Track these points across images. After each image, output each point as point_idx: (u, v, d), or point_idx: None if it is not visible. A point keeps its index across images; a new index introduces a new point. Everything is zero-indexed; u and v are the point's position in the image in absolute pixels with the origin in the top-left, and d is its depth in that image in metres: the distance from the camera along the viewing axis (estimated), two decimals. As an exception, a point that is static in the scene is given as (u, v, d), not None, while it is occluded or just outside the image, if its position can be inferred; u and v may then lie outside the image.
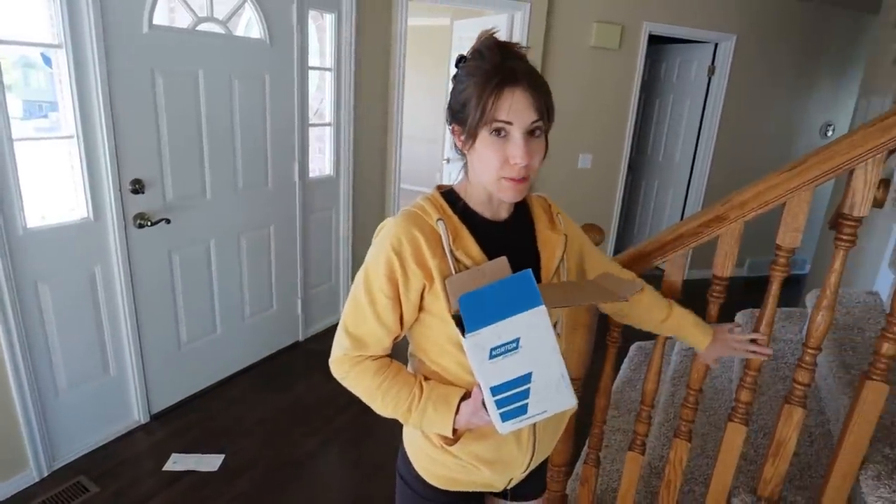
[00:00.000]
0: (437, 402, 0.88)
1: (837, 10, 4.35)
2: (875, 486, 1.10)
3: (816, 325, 1.15)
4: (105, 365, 2.20)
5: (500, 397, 0.80)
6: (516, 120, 0.80)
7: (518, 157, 0.81)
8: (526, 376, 0.80)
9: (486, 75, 0.80)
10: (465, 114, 0.83)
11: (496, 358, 0.78)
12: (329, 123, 3.15)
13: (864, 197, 1.06)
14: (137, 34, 2.03)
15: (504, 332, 0.77)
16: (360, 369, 0.90)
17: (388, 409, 0.91)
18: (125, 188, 2.09)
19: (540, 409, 0.82)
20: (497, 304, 0.77)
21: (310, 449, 2.30)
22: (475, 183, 0.89)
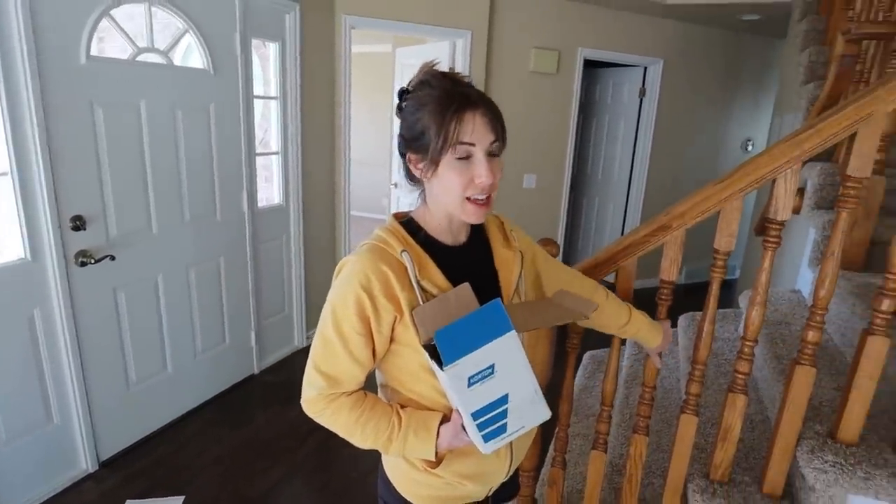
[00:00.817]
0: (418, 429, 0.89)
1: (753, 36, 4.77)
2: (810, 458, 1.20)
3: (752, 320, 1.26)
4: (48, 413, 2.07)
5: (480, 420, 0.83)
6: (478, 141, 0.84)
7: (484, 177, 0.84)
8: (503, 398, 0.83)
9: (443, 102, 0.83)
10: (423, 142, 0.85)
11: (474, 385, 0.81)
12: (276, 152, 3.14)
13: (785, 203, 1.18)
14: (74, 66, 1.98)
15: (480, 360, 0.80)
16: (335, 406, 0.90)
17: (368, 441, 0.91)
18: (65, 225, 2.00)
19: (518, 425, 0.85)
20: (470, 334, 0.80)
21: (273, 482, 2.24)
22: (435, 210, 0.92)
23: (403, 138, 0.90)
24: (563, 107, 4.23)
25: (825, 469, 1.17)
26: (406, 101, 0.89)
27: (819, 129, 1.13)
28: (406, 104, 0.89)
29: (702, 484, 1.37)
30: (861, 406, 1.20)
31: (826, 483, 1.18)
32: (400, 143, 0.91)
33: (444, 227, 0.93)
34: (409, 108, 0.88)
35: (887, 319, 1.15)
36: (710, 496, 1.33)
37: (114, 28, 2.16)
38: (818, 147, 1.14)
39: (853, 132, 1.11)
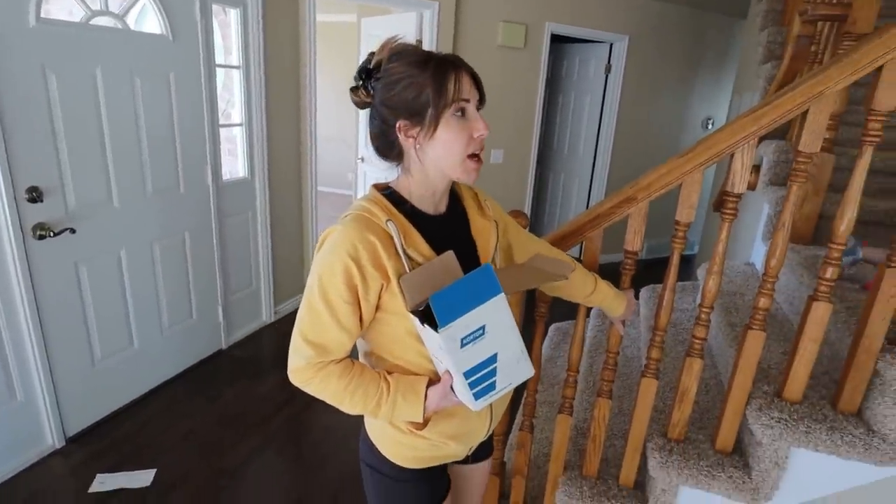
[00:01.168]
0: (406, 393, 0.92)
1: (715, 15, 4.85)
2: (758, 416, 1.30)
3: (709, 288, 1.33)
4: (10, 389, 2.02)
5: (472, 379, 0.87)
6: (471, 97, 0.89)
7: (482, 128, 0.89)
8: (492, 357, 0.87)
9: (438, 65, 0.86)
10: (419, 105, 0.86)
11: (467, 346, 0.84)
12: (240, 124, 3.06)
13: (741, 176, 1.25)
14: (23, 28, 1.88)
15: (472, 322, 0.83)
16: (324, 374, 0.91)
17: (357, 407, 0.93)
18: (20, 197, 1.93)
19: (506, 382, 0.90)
20: (462, 297, 0.83)
21: (245, 454, 2.26)
22: (421, 178, 0.93)
23: (390, 108, 0.89)
24: (531, 82, 4.25)
25: (771, 425, 1.27)
26: (378, 78, 0.89)
27: (776, 105, 1.18)
28: (379, 80, 0.89)
29: (660, 442, 1.46)
30: (805, 367, 1.30)
31: (772, 437, 1.28)
32: (385, 116, 0.90)
33: (427, 197, 0.95)
34: (389, 80, 0.88)
35: (830, 286, 1.24)
36: (668, 453, 1.42)
37: (65, -11, 2.06)
38: (774, 122, 1.20)
39: (806, 109, 1.17)
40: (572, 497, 1.53)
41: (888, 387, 1.20)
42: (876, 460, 1.23)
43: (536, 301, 1.51)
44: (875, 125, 1.15)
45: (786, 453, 1.31)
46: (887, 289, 1.18)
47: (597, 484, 1.56)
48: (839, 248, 1.23)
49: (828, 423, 1.26)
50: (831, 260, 1.23)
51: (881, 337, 1.20)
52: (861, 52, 1.12)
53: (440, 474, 1.08)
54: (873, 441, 1.22)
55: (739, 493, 1.36)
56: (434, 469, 1.06)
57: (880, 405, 1.22)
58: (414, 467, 1.03)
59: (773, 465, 1.33)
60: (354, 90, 0.92)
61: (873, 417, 1.23)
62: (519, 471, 1.69)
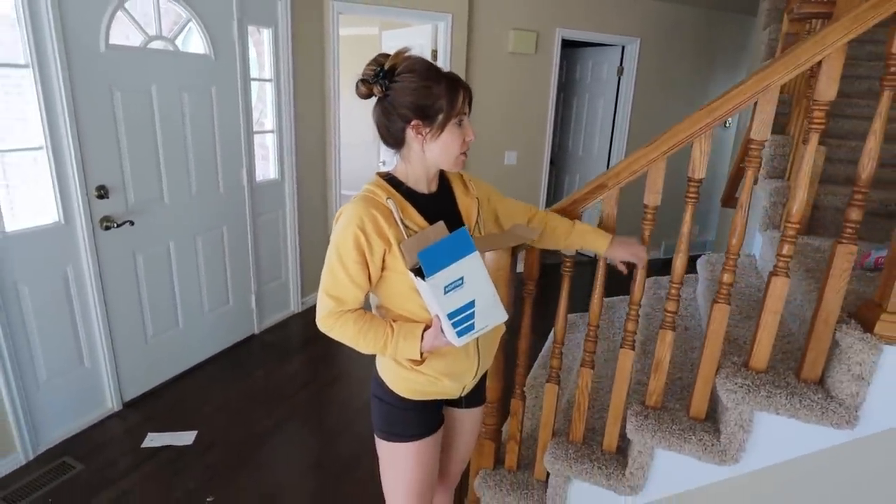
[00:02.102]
0: (407, 335, 1.14)
1: (726, 13, 4.93)
2: (724, 383, 1.41)
3: (676, 266, 1.49)
4: (80, 357, 2.35)
5: (454, 320, 1.09)
6: (467, 111, 1.15)
7: (471, 135, 1.16)
8: (471, 303, 1.10)
9: (450, 81, 1.11)
10: (433, 110, 1.09)
11: (449, 293, 1.07)
12: (271, 130, 3.36)
13: (700, 163, 1.41)
14: (96, 53, 2.21)
15: (452, 274, 1.06)
16: (342, 321, 1.15)
17: (370, 347, 1.16)
18: (91, 193, 2.25)
19: (483, 323, 1.12)
20: (444, 254, 1.06)
21: (274, 422, 2.54)
22: (418, 166, 1.17)
23: (408, 108, 1.09)
24: (542, 86, 4.44)
25: (735, 390, 1.38)
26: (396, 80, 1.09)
27: (728, 99, 1.33)
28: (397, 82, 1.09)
29: (638, 409, 1.58)
30: (767, 337, 1.41)
31: (735, 401, 1.38)
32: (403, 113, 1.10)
33: (421, 179, 1.20)
34: (409, 84, 1.08)
35: (787, 261, 1.35)
36: (644, 419, 1.54)
37: (126, 18, 2.37)
38: (727, 114, 1.36)
39: (755, 101, 1.34)
40: (558, 458, 1.67)
41: (844, 355, 1.29)
42: (833, 423, 1.31)
43: (525, 280, 1.72)
44: (819, 114, 1.28)
45: (750, 417, 1.40)
46: (840, 264, 1.28)
47: (582, 448, 1.69)
48: (794, 227, 1.34)
49: (788, 389, 1.35)
50: (787, 238, 1.34)
51: (837, 309, 1.31)
52: (801, 50, 1.25)
53: (435, 409, 1.31)
54: (830, 405, 1.31)
55: (709, 455, 1.46)
56: (430, 403, 1.28)
57: (838, 372, 1.31)
58: (413, 398, 1.26)
59: (738, 427, 1.43)
60: (366, 84, 1.12)
61: (833, 384, 1.33)
62: (512, 436, 1.84)
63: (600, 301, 1.63)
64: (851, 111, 2.52)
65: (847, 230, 1.28)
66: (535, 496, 1.79)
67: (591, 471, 1.64)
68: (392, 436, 1.28)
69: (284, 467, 2.25)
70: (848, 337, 1.28)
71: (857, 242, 1.28)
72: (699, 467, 1.51)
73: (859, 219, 1.28)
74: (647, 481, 1.60)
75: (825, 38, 1.23)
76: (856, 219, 1.28)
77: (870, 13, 1.18)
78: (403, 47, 1.14)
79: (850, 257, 1.28)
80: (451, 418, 1.42)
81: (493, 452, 1.88)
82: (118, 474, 2.14)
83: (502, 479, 1.84)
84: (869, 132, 1.25)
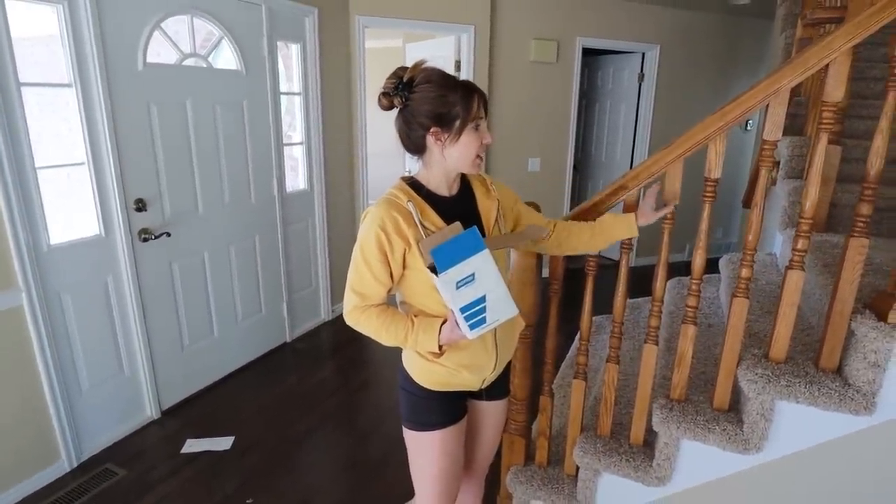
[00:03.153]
0: (426, 328, 1.21)
1: (746, 19, 4.95)
2: (745, 373, 1.46)
3: (696, 263, 1.54)
4: (120, 365, 2.46)
5: (467, 314, 1.15)
6: (483, 116, 1.21)
7: (488, 138, 1.23)
8: (482, 297, 1.15)
9: (464, 88, 1.17)
10: (449, 118, 1.16)
11: (461, 288, 1.13)
12: (301, 142, 3.48)
13: (716, 164, 1.46)
14: (134, 71, 2.34)
15: (464, 270, 1.13)
16: (367, 315, 1.23)
17: (392, 339, 1.24)
18: (130, 207, 2.37)
19: (494, 317, 1.17)
20: (456, 252, 1.13)
21: (308, 426, 2.61)
22: (438, 170, 1.25)
23: (426, 117, 1.17)
24: (564, 94, 4.49)
25: (756, 380, 1.43)
26: (415, 91, 1.17)
27: (739, 103, 1.40)
28: (416, 93, 1.16)
29: (663, 402, 1.63)
30: (786, 329, 1.45)
31: (756, 391, 1.43)
32: (422, 122, 1.18)
33: (442, 183, 1.27)
34: (427, 94, 1.16)
35: (802, 255, 1.41)
36: (669, 411, 1.59)
37: (163, 38, 2.51)
38: (739, 117, 1.41)
39: (766, 104, 1.39)
40: (587, 453, 1.72)
41: (860, 344, 1.32)
42: (851, 410, 1.36)
43: (550, 280, 1.76)
44: (827, 115, 1.33)
45: (771, 406, 1.46)
46: (852, 256, 1.33)
47: (609, 442, 1.74)
48: (808, 223, 1.39)
49: (808, 378, 1.40)
50: (802, 233, 1.39)
51: (851, 300, 1.35)
52: (809, 55, 1.31)
53: (457, 400, 1.36)
54: (848, 392, 1.34)
55: (732, 444, 1.51)
56: (452, 394, 1.34)
57: (854, 361, 1.34)
58: (436, 389, 1.32)
59: (760, 416, 1.48)
60: (387, 97, 1.19)
61: (850, 373, 1.36)
62: (542, 432, 1.90)
63: (624, 298, 1.67)
64: (867, 112, 2.54)
65: (858, 224, 1.32)
66: (566, 490, 1.83)
67: (619, 463, 1.68)
68: (418, 425, 1.34)
69: (319, 469, 2.32)
70: (863, 326, 1.32)
71: (868, 236, 1.32)
72: (723, 457, 1.55)
73: (869, 213, 1.32)
74: (673, 472, 1.64)
75: (831, 43, 1.28)
76: (866, 213, 1.32)
77: (872, 18, 1.23)
78: (420, 59, 1.22)
79: (862, 250, 1.32)
80: (474, 410, 1.47)
81: (523, 449, 1.93)
82: (159, 479, 2.22)
83: (533, 475, 1.88)
84: (876, 131, 1.29)
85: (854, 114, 2.51)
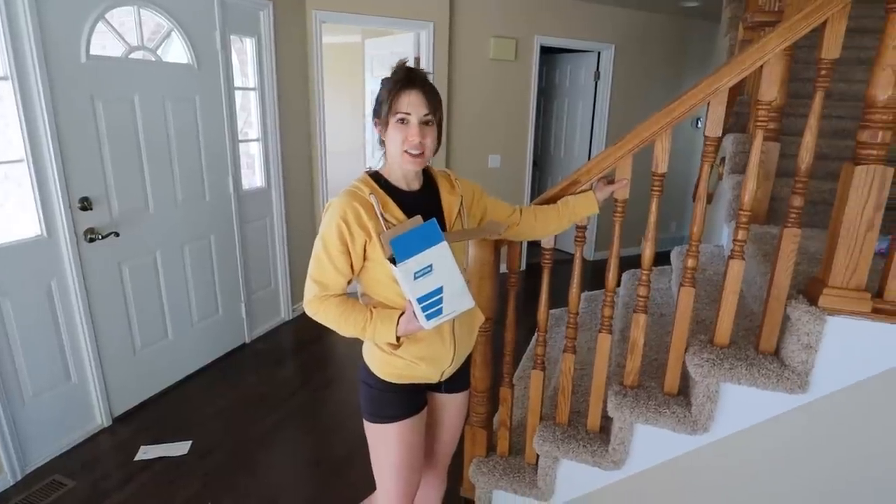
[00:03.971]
0: (384, 319, 1.23)
1: (697, 21, 5.13)
2: (692, 359, 1.54)
3: (645, 254, 1.60)
4: (67, 372, 2.35)
5: (424, 304, 1.16)
6: (413, 112, 1.19)
7: (414, 136, 1.20)
8: (439, 289, 1.17)
9: (394, 82, 1.20)
10: (381, 108, 1.21)
11: (419, 279, 1.14)
12: (257, 139, 3.41)
13: (662, 159, 1.51)
14: (76, 64, 2.24)
15: (422, 261, 1.14)
16: (326, 305, 1.24)
17: (350, 330, 1.24)
18: (74, 205, 2.27)
19: (451, 309, 1.19)
20: (415, 243, 1.14)
21: (269, 426, 2.56)
22: (392, 164, 1.26)
23: (373, 109, 1.26)
24: (523, 91, 4.56)
25: (702, 364, 1.51)
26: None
27: (682, 101, 1.46)
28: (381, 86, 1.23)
29: (617, 388, 1.70)
30: (728, 315, 1.53)
31: (702, 375, 1.52)
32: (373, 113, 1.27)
33: (399, 177, 1.28)
34: (380, 88, 1.23)
35: (742, 245, 1.48)
36: (623, 397, 1.65)
37: (107, 29, 2.41)
38: (683, 115, 1.47)
39: (707, 102, 1.45)
40: (546, 441, 1.77)
41: (794, 327, 1.43)
42: (787, 389, 1.46)
43: (508, 272, 1.79)
44: (762, 113, 1.42)
45: (716, 388, 1.54)
46: (786, 245, 1.41)
47: (568, 429, 1.80)
48: (746, 214, 1.46)
49: (748, 360, 1.49)
50: (741, 224, 1.47)
51: (787, 286, 1.44)
52: (745, 56, 1.38)
53: (416, 393, 1.38)
54: (784, 373, 1.45)
55: (682, 426, 1.59)
56: (411, 386, 1.35)
57: (790, 343, 1.45)
58: (395, 381, 1.33)
59: (706, 399, 1.56)
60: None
61: (786, 354, 1.46)
62: (503, 423, 1.94)
63: (579, 289, 1.72)
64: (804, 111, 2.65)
65: (791, 215, 1.41)
66: (527, 479, 1.88)
67: (577, 450, 1.74)
68: (377, 417, 1.35)
69: (283, 469, 2.29)
70: (797, 311, 1.42)
71: (801, 226, 1.41)
72: (674, 438, 1.64)
73: (801, 205, 1.40)
74: (628, 455, 1.71)
75: (765, 45, 1.36)
76: (798, 205, 1.40)
77: (801, 23, 1.31)
78: (402, 59, 1.26)
79: (795, 239, 1.41)
80: (434, 403, 1.49)
81: (485, 441, 1.97)
82: (112, 488, 2.14)
83: (495, 466, 1.92)
84: (805, 128, 1.37)
85: (793, 112, 2.64)
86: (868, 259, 1.34)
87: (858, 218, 1.32)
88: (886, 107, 1.26)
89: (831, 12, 1.27)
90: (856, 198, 1.30)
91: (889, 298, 1.36)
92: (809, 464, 1.57)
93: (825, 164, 2.41)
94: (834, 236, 1.36)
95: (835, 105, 2.69)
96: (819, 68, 1.34)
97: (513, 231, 1.56)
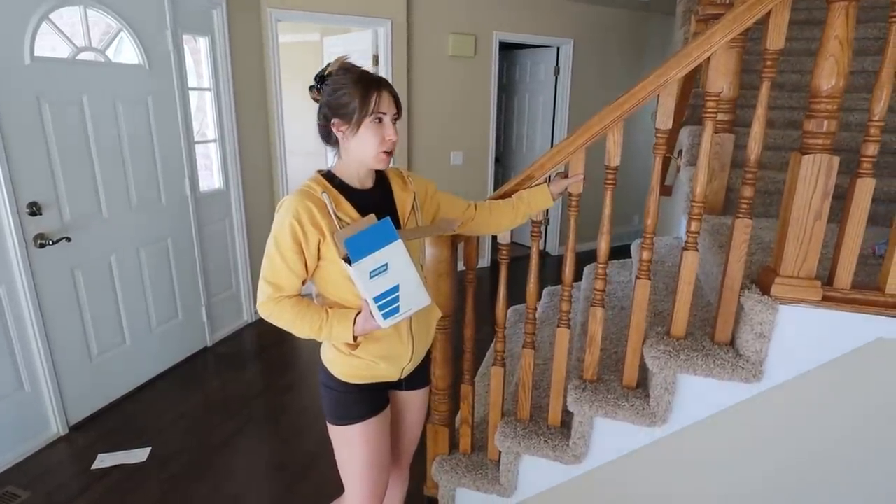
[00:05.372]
0: (340, 319, 1.22)
1: (654, 15, 5.23)
2: (649, 350, 1.55)
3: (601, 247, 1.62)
4: (19, 381, 2.28)
5: (380, 303, 1.16)
6: (388, 111, 1.20)
7: (392, 135, 1.21)
8: (395, 287, 1.17)
9: (365, 83, 1.18)
10: (348, 110, 1.18)
11: (374, 278, 1.14)
12: (214, 140, 3.34)
13: (614, 152, 1.54)
14: (20, 66, 2.15)
15: (377, 260, 1.14)
16: (280, 307, 1.22)
17: (306, 331, 1.23)
18: (22, 211, 2.19)
19: (408, 307, 1.19)
20: (369, 242, 1.14)
21: (232, 431, 2.53)
22: (349, 162, 1.26)
23: (330, 107, 1.21)
24: (483, 88, 4.57)
25: (658, 356, 1.52)
26: (327, 83, 1.21)
27: (632, 94, 1.47)
28: (334, 83, 1.20)
29: (576, 383, 1.71)
30: (684, 306, 1.55)
31: (659, 367, 1.53)
32: (326, 113, 1.22)
33: (354, 175, 1.27)
34: (332, 87, 1.19)
35: (695, 237, 1.50)
36: (582, 391, 1.66)
37: (52, 30, 2.32)
38: (633, 108, 1.49)
39: (657, 95, 1.48)
40: (508, 437, 1.77)
41: (748, 317, 1.43)
42: (742, 378, 1.46)
43: (465, 269, 1.80)
44: (710, 104, 1.44)
45: (673, 380, 1.55)
46: (738, 236, 1.43)
47: (529, 425, 1.80)
48: (699, 206, 1.49)
49: (704, 351, 1.49)
50: (694, 216, 1.49)
51: (740, 276, 1.45)
52: (691, 48, 1.40)
53: (377, 392, 1.38)
54: (739, 363, 1.46)
55: (641, 418, 1.60)
56: (372, 386, 1.35)
57: (744, 333, 1.46)
58: (355, 382, 1.32)
59: (664, 390, 1.57)
60: (311, 89, 1.24)
61: (741, 344, 1.47)
62: (464, 420, 1.93)
63: (536, 284, 1.73)
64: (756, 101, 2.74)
65: (742, 206, 1.43)
66: (490, 475, 1.87)
67: (538, 445, 1.74)
68: (340, 419, 1.34)
69: (245, 474, 2.26)
70: (750, 300, 1.43)
71: (753, 217, 1.43)
72: (634, 431, 1.64)
73: (752, 195, 1.42)
74: (589, 449, 1.72)
75: (711, 37, 1.38)
76: (749, 196, 1.42)
77: (745, 14, 1.33)
78: (344, 55, 1.24)
79: (746, 230, 1.43)
80: (395, 401, 1.49)
81: (447, 438, 1.96)
82: (69, 498, 2.09)
83: (458, 463, 1.91)
84: (753, 118, 1.40)
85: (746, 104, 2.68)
86: (817, 247, 1.35)
87: (807, 207, 1.33)
88: (830, 96, 1.27)
89: (774, 3, 1.28)
90: (803, 187, 1.32)
91: (838, 286, 1.38)
92: (766, 453, 1.60)
93: (779, 155, 2.44)
94: (784, 225, 1.38)
95: (788, 96, 2.73)
96: (765, 59, 1.35)
97: (468, 226, 1.57)
